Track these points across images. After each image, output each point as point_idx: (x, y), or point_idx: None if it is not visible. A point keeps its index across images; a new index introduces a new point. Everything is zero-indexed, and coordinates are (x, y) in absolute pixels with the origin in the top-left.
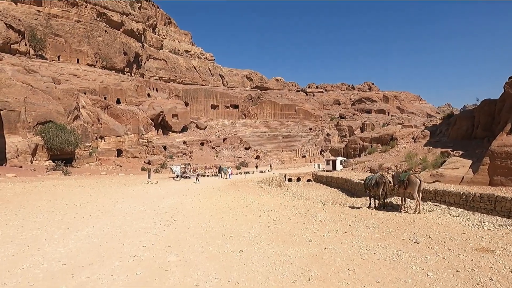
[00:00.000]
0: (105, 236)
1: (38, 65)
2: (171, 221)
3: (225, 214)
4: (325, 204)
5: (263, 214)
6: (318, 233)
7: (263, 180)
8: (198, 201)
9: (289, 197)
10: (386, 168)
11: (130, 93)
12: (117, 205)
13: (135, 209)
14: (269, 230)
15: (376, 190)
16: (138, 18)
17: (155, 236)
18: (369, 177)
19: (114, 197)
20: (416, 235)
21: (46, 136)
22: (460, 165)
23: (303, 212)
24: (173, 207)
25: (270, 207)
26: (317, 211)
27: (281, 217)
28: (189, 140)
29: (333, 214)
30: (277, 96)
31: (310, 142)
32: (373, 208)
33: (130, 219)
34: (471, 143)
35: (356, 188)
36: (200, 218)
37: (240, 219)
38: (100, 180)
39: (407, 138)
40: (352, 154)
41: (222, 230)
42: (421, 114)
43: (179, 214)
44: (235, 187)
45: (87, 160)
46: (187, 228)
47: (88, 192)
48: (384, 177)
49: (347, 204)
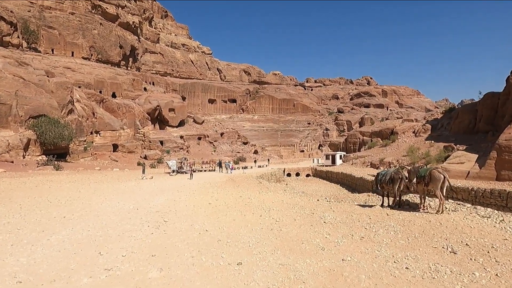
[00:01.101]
0: (82, 241)
1: (31, 58)
2: (161, 222)
3: (222, 214)
4: (331, 201)
5: (264, 214)
6: (330, 238)
7: (262, 175)
8: (193, 198)
9: (291, 194)
10: (388, 162)
11: (126, 86)
12: (105, 203)
13: (123, 208)
14: (272, 234)
15: (391, 187)
16: (134, 11)
17: (139, 242)
18: (382, 173)
19: (104, 194)
20: (449, 241)
21: (38, 131)
22: (465, 159)
23: (308, 212)
24: (165, 205)
25: (271, 205)
26: (324, 210)
27: (284, 217)
28: (186, 135)
29: (343, 214)
30: (275, 90)
31: (309, 136)
32: (387, 207)
33: (116, 220)
34: (474, 137)
35: (357, 183)
36: (194, 218)
37: (238, 220)
38: (92, 176)
39: (408, 132)
40: (351, 149)
41: (218, 234)
42: (419, 109)
43: (171, 213)
44: (233, 182)
45: (82, 155)
46: (178, 231)
47: (77, 188)
48: (400, 172)
49: (349, 199)
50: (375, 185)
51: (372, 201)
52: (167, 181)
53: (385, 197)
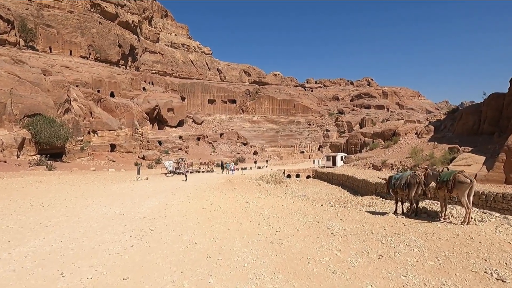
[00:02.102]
0: (48, 255)
1: (28, 56)
2: (146, 231)
3: (216, 221)
4: (335, 206)
5: (262, 222)
6: (342, 256)
7: (261, 177)
8: (186, 202)
9: (291, 197)
10: (390, 164)
11: (125, 86)
12: (90, 207)
13: (109, 213)
14: (271, 249)
15: (407, 193)
16: (133, 10)
17: (114, 258)
18: (395, 176)
19: (92, 196)
20: (490, 263)
21: (33, 130)
22: (472, 161)
23: (312, 220)
24: (155, 209)
25: (271, 211)
26: (330, 218)
27: (286, 226)
28: (185, 135)
29: (352, 222)
30: (275, 91)
31: (309, 137)
32: (401, 215)
33: (97, 227)
34: (479, 138)
35: (360, 185)
36: (184, 226)
37: (233, 229)
38: (85, 176)
39: (410, 133)
40: (353, 150)
41: (208, 248)
42: (420, 110)
43: (159, 220)
44: (230, 184)
45: (78, 154)
46: (163, 244)
47: (65, 190)
48: (417, 176)
49: (352, 202)
50: (386, 189)
51: (376, 205)
52: (162, 183)
53: (398, 204)
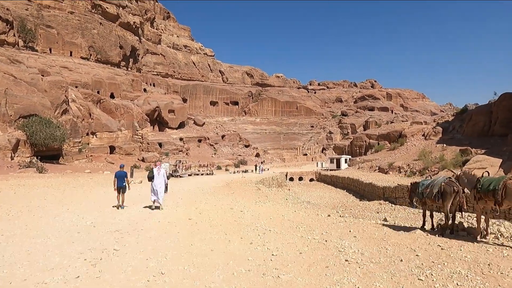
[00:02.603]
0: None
1: (26, 57)
2: (108, 251)
3: (199, 238)
4: (344, 215)
5: (256, 240)
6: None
7: (262, 180)
8: (173, 210)
9: (293, 204)
10: (398, 167)
11: (125, 87)
12: (61, 216)
13: (78, 224)
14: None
15: (441, 204)
16: (135, 11)
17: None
18: (424, 182)
19: (70, 203)
20: None
21: (29, 131)
22: (487, 164)
23: (319, 237)
24: (134, 220)
25: (268, 223)
26: (341, 235)
27: (285, 247)
28: (186, 137)
29: (371, 243)
30: (278, 93)
31: (312, 140)
32: (429, 231)
33: (52, 245)
34: (490, 140)
35: (366, 189)
36: (157, 245)
37: (218, 251)
38: (76, 180)
39: (417, 135)
40: (357, 152)
41: (176, 283)
42: (425, 112)
43: (132, 234)
44: (228, 189)
45: (76, 156)
46: (120, 274)
47: (45, 195)
48: (454, 182)
49: (359, 208)
50: (409, 198)
51: (385, 211)
52: None
53: (427, 217)
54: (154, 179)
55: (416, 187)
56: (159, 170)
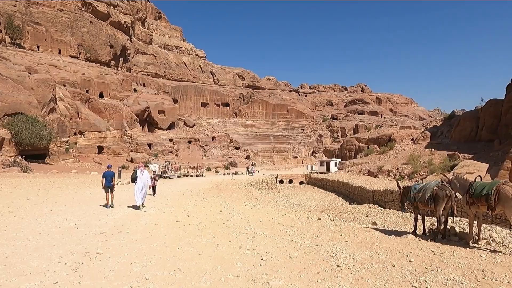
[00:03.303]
0: None
1: (13, 54)
2: (91, 255)
3: (187, 241)
4: (334, 219)
5: (245, 244)
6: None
7: (252, 182)
8: (160, 212)
9: (284, 207)
10: (387, 171)
11: (115, 87)
12: (44, 217)
13: (61, 225)
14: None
15: (433, 208)
16: (126, 10)
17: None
18: (415, 186)
19: (55, 204)
20: None
21: (14, 129)
22: (474, 169)
23: (309, 241)
24: (119, 222)
25: (258, 226)
26: (332, 239)
27: (275, 251)
28: (176, 138)
29: (362, 247)
30: (269, 95)
31: (302, 143)
32: (421, 236)
33: (32, 248)
34: (477, 145)
35: (355, 192)
36: (143, 249)
37: (206, 255)
38: (62, 180)
39: (406, 139)
40: (347, 156)
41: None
42: (413, 117)
43: (117, 237)
44: (217, 191)
45: (63, 156)
46: (101, 279)
47: (28, 196)
48: (446, 187)
49: (348, 211)
50: (400, 202)
51: (374, 214)
52: None
53: (419, 221)
54: (137, 180)
55: (407, 191)
56: (142, 171)
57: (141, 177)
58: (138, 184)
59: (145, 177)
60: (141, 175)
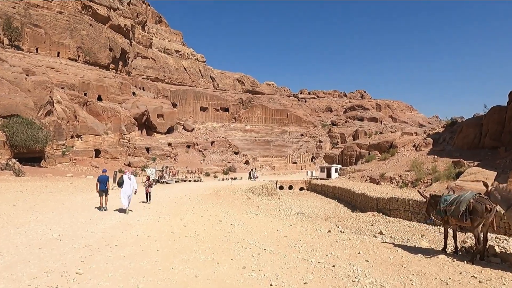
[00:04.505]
0: None
1: (11, 56)
2: (70, 274)
3: (182, 258)
4: (346, 231)
5: (250, 263)
6: None
7: (252, 188)
8: (155, 221)
9: (288, 216)
10: (389, 178)
11: (113, 90)
12: (25, 227)
13: (43, 236)
14: None
15: (469, 224)
16: (126, 14)
17: None
18: (446, 198)
19: (42, 210)
20: None
21: (9, 132)
22: (482, 177)
23: (324, 261)
24: (109, 232)
25: (263, 240)
26: (350, 258)
27: (285, 274)
28: (175, 142)
29: (389, 270)
30: (268, 100)
31: (301, 148)
32: (453, 256)
33: (1, 265)
34: (480, 152)
35: (358, 200)
36: (131, 268)
37: (203, 277)
38: (54, 184)
39: (408, 145)
40: (348, 162)
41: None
42: (413, 124)
43: (104, 251)
44: (216, 197)
45: (59, 160)
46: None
47: (15, 201)
48: (485, 199)
49: (352, 219)
50: (426, 212)
51: (379, 223)
52: (139, 193)
53: (449, 238)
54: (124, 185)
55: (436, 202)
56: (129, 176)
57: (128, 182)
58: (125, 189)
59: (132, 182)
60: (128, 180)
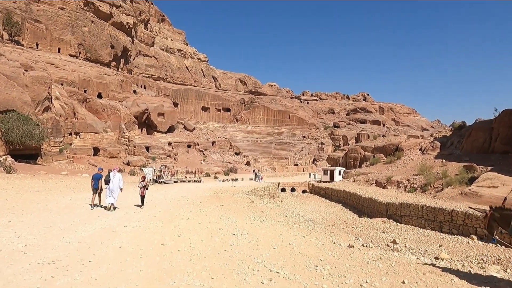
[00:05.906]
0: None
1: (10, 50)
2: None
3: (169, 285)
4: (369, 246)
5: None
6: None
7: (254, 190)
8: (145, 228)
9: (297, 224)
10: (396, 181)
11: (114, 87)
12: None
13: (5, 247)
14: None
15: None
16: (129, 12)
17: None
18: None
19: (21, 212)
20: None
21: (4, 127)
22: (499, 182)
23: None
24: (88, 242)
25: (273, 258)
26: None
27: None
28: (175, 142)
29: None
30: (270, 101)
31: (303, 150)
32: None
33: None
34: (491, 157)
35: (365, 204)
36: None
37: None
38: (45, 182)
39: (414, 149)
40: (352, 164)
41: None
42: (416, 127)
43: (73, 270)
44: (216, 200)
45: (56, 157)
46: None
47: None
48: None
49: (361, 226)
50: (488, 230)
51: (391, 231)
52: (134, 194)
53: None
54: (110, 183)
55: (503, 218)
56: (114, 174)
57: (113, 180)
58: (110, 186)
59: (116, 180)
60: (113, 178)
